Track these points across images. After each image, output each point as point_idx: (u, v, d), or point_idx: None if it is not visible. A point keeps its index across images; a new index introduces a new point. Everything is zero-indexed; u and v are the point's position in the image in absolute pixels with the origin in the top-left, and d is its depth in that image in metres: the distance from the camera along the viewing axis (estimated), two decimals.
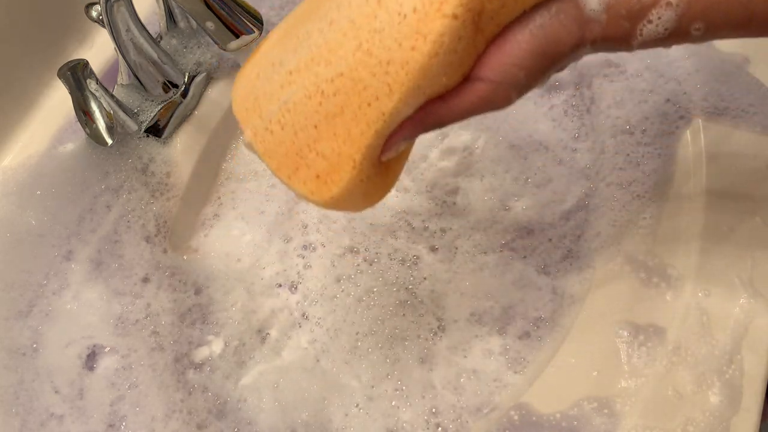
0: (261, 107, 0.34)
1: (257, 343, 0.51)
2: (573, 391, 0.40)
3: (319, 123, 0.32)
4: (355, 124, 0.31)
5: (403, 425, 0.46)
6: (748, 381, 0.38)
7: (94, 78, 0.47)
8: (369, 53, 0.30)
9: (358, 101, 0.31)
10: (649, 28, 0.29)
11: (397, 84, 0.30)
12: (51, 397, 0.43)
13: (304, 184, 0.33)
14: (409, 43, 0.29)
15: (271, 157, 0.34)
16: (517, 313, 0.48)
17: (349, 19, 0.31)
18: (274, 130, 0.34)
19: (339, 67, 0.31)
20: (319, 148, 0.32)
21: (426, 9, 0.29)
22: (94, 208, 0.49)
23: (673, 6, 0.28)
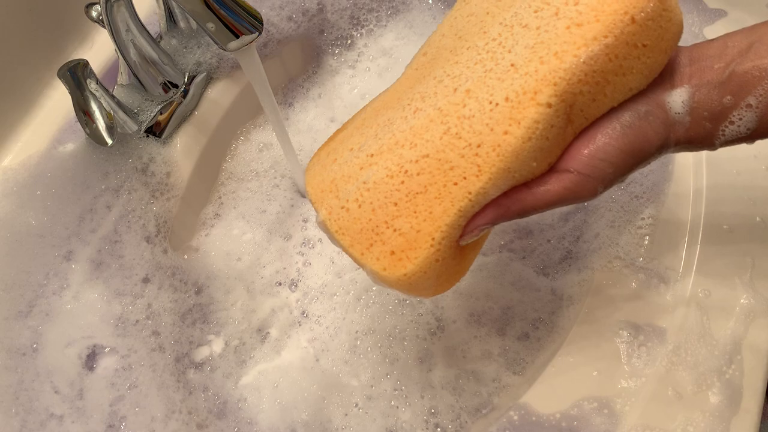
0: (338, 188, 0.35)
1: (257, 343, 0.51)
2: (573, 391, 0.39)
3: (400, 200, 0.33)
4: (438, 202, 0.31)
5: (402, 425, 0.46)
6: (748, 381, 0.38)
7: (94, 78, 0.47)
8: (458, 136, 0.31)
9: (443, 180, 0.31)
10: (731, 128, 0.30)
11: (488, 165, 0.31)
12: (51, 397, 0.43)
13: (378, 260, 0.33)
14: (502, 128, 0.30)
15: (344, 235, 0.34)
16: (516, 314, 0.48)
17: (435, 108, 0.33)
18: (351, 208, 0.34)
19: (425, 149, 0.32)
20: (397, 225, 0.32)
21: (519, 98, 0.30)
22: (94, 208, 0.49)
23: (753, 107, 0.29)
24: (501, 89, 0.31)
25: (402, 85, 0.36)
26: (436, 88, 0.33)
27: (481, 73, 0.32)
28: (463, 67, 0.33)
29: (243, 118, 0.59)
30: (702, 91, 0.30)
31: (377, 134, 0.35)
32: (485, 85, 0.32)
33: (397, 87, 0.36)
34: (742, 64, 0.30)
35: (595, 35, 0.30)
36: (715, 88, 0.30)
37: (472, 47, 0.33)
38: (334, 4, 0.60)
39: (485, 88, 0.32)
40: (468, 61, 0.33)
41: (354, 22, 0.61)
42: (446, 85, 0.33)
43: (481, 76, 0.32)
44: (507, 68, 0.31)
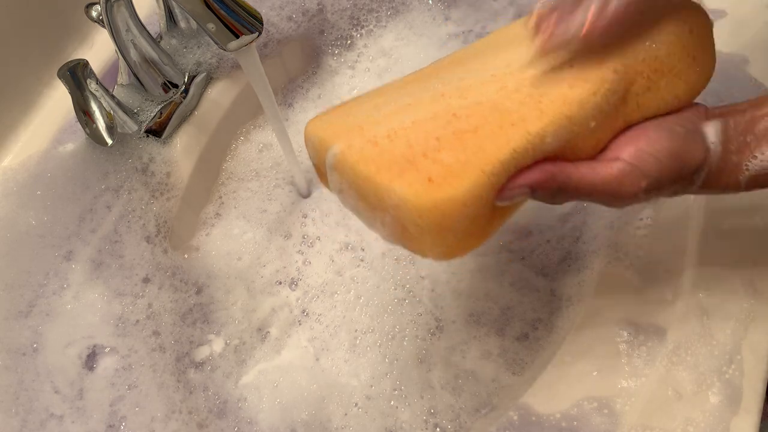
0: (364, 129, 0.32)
1: (257, 342, 0.51)
2: (573, 391, 0.39)
3: (443, 136, 0.30)
4: (491, 140, 0.29)
5: (401, 425, 0.45)
6: (748, 381, 0.38)
7: (94, 78, 0.47)
8: (517, 91, 0.31)
9: (499, 121, 0.30)
10: (754, 162, 0.32)
11: (551, 109, 0.30)
12: (51, 397, 0.43)
13: (410, 186, 0.29)
14: (567, 83, 0.31)
15: (367, 164, 0.30)
16: (515, 314, 0.48)
17: (484, 78, 0.32)
18: (380, 142, 0.31)
19: (477, 98, 0.31)
20: (438, 157, 0.30)
21: (584, 63, 0.31)
22: (94, 208, 0.49)
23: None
24: (561, 57, 0.32)
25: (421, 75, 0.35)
26: (482, 68, 0.33)
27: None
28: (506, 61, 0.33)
29: (243, 118, 0.59)
30: (730, 127, 0.32)
31: (412, 93, 0.33)
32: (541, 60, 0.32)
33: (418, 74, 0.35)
34: (761, 110, 0.32)
35: (660, 30, 0.32)
36: (740, 125, 0.32)
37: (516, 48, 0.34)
38: (334, 5, 0.60)
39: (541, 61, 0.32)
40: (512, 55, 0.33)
41: (354, 23, 0.61)
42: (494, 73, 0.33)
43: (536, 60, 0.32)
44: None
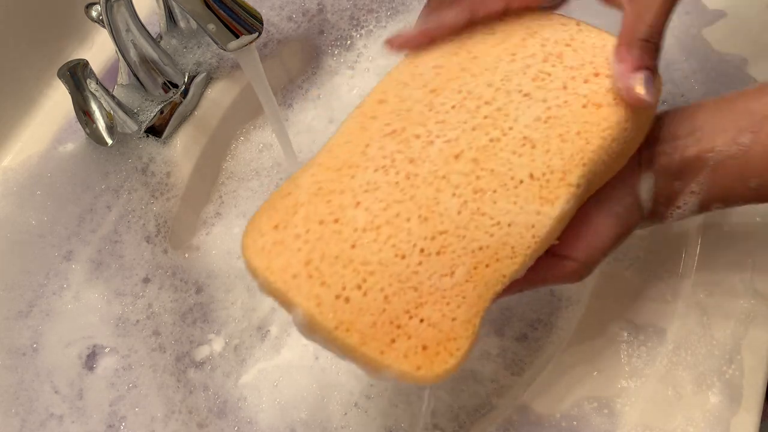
0: (322, 273, 0.28)
1: (257, 341, 0.50)
2: (573, 391, 0.39)
3: (420, 285, 0.28)
4: (471, 286, 0.28)
5: (401, 425, 0.45)
6: (748, 381, 0.37)
7: (94, 78, 0.47)
8: (481, 213, 0.29)
9: (472, 261, 0.28)
10: (678, 212, 0.33)
11: (523, 247, 0.29)
12: (51, 397, 0.43)
13: (406, 359, 0.27)
14: (533, 208, 0.29)
15: (349, 330, 0.28)
16: (514, 315, 0.47)
17: (438, 176, 0.29)
18: (352, 297, 0.28)
19: (440, 224, 0.29)
20: (423, 314, 0.28)
21: (547, 177, 0.29)
22: (94, 208, 0.49)
23: (696, 193, 0.32)
24: (521, 165, 0.29)
25: (361, 137, 0.31)
26: (427, 150, 0.30)
27: (485, 142, 0.30)
28: (456, 130, 0.30)
29: (243, 118, 0.58)
30: (660, 178, 0.32)
31: (358, 202, 0.29)
32: (498, 158, 0.29)
33: (354, 140, 0.31)
34: (688, 151, 0.32)
35: (619, 120, 0.30)
36: (669, 174, 0.32)
37: (460, 107, 0.31)
38: (334, 5, 0.60)
39: (499, 161, 0.29)
40: (460, 123, 0.30)
41: (354, 23, 0.61)
42: (440, 149, 0.30)
43: (488, 146, 0.30)
44: (521, 142, 0.30)
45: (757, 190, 0.31)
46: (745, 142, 0.30)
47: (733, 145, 0.30)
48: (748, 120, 0.30)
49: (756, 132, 0.30)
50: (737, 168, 0.31)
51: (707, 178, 0.31)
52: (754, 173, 0.30)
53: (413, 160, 0.30)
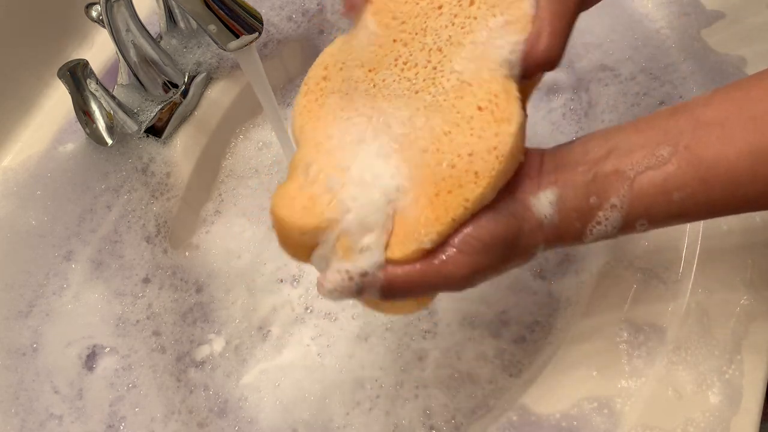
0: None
1: (258, 341, 0.50)
2: (573, 391, 0.39)
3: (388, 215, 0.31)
4: (431, 210, 0.30)
5: (402, 424, 0.45)
6: (748, 381, 0.37)
7: (94, 78, 0.47)
8: (441, 152, 0.30)
9: (435, 190, 0.30)
10: (599, 228, 0.31)
11: (487, 170, 0.30)
12: (51, 397, 0.42)
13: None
14: (492, 131, 0.30)
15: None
16: (511, 317, 0.47)
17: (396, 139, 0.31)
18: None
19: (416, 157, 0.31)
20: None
21: (495, 102, 0.31)
22: (94, 209, 0.49)
23: (617, 207, 0.30)
24: (467, 104, 0.31)
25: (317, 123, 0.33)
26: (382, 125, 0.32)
27: (430, 100, 0.32)
28: (402, 98, 0.32)
29: (243, 117, 0.58)
30: (569, 192, 0.31)
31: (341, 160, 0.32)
32: (445, 107, 0.31)
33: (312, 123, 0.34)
34: (604, 168, 0.31)
35: None
36: (581, 188, 0.31)
37: (400, 79, 0.33)
38: (334, 5, 0.59)
39: (446, 109, 0.31)
40: (404, 93, 0.32)
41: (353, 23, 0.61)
42: (394, 120, 0.32)
43: (433, 102, 0.32)
44: (460, 86, 0.31)
45: (681, 204, 0.30)
46: (663, 154, 0.30)
47: (652, 157, 0.30)
48: (665, 135, 0.30)
49: (674, 144, 0.30)
50: (659, 180, 0.30)
51: (628, 191, 0.30)
52: (675, 185, 0.30)
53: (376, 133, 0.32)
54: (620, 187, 0.30)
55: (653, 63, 0.50)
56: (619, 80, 0.51)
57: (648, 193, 0.30)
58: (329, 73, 0.34)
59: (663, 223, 0.32)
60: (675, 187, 0.30)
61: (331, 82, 0.34)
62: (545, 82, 0.54)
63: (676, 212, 0.31)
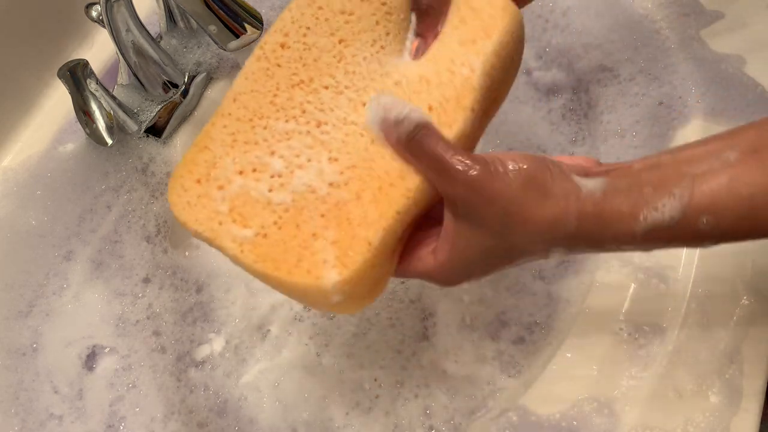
0: (245, 217, 0.31)
1: (258, 341, 0.50)
2: (572, 391, 0.38)
3: (328, 211, 0.31)
4: (375, 206, 0.30)
5: (402, 423, 0.45)
6: (748, 381, 0.37)
7: (94, 78, 0.47)
8: (386, 145, 0.31)
9: (378, 184, 0.30)
10: (654, 215, 0.27)
11: None
12: (50, 397, 0.42)
13: (308, 273, 0.30)
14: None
15: (265, 261, 0.31)
16: (510, 318, 0.47)
17: (347, 122, 0.32)
18: (269, 233, 0.31)
19: (349, 161, 0.31)
20: (327, 236, 0.30)
21: (444, 105, 0.31)
22: (94, 208, 0.48)
23: (676, 197, 0.27)
24: (420, 101, 0.31)
25: (267, 86, 0.33)
26: (336, 100, 0.32)
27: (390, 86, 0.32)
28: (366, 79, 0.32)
29: None
30: (621, 181, 0.28)
31: (273, 151, 0.32)
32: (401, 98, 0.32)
33: (260, 88, 0.33)
34: (663, 163, 0.28)
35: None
36: (635, 177, 0.28)
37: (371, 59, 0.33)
38: None
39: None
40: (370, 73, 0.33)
41: None
42: (350, 99, 0.32)
43: (393, 90, 0.32)
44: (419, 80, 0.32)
45: (751, 201, 0.27)
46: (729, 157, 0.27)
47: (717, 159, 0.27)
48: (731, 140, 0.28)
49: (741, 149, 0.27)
50: (725, 177, 0.27)
51: (690, 183, 0.27)
52: (744, 181, 0.27)
53: (323, 110, 0.32)
54: (681, 180, 0.27)
55: (653, 63, 0.50)
56: (619, 81, 0.51)
57: (712, 187, 0.27)
58: (289, 40, 0.33)
59: (732, 224, 0.27)
60: (743, 183, 0.27)
61: (290, 50, 0.33)
62: (545, 83, 0.54)
63: (747, 211, 0.27)
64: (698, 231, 0.27)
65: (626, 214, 0.27)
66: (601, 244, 0.29)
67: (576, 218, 0.28)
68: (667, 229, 0.27)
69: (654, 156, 0.29)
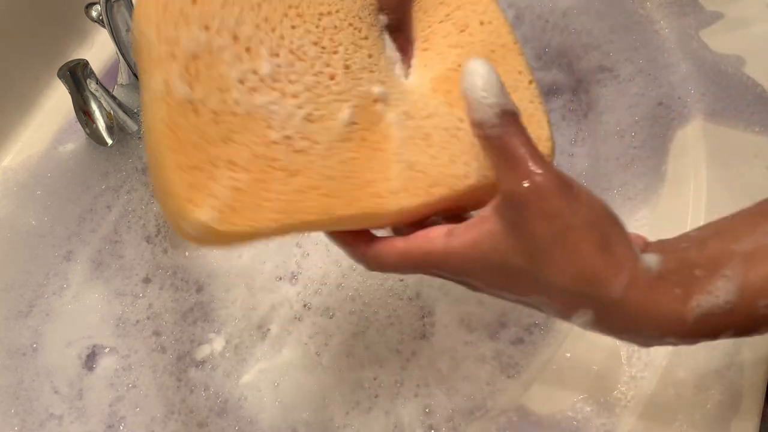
0: (199, 78, 0.26)
1: (258, 340, 0.50)
2: (572, 391, 0.38)
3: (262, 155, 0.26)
4: (295, 199, 0.27)
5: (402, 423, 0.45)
6: (748, 381, 0.37)
7: (94, 78, 0.47)
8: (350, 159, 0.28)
9: (317, 183, 0.27)
10: (707, 299, 0.25)
11: (360, 205, 0.28)
12: (50, 397, 0.42)
13: (189, 187, 0.25)
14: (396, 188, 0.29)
15: (173, 132, 0.25)
16: (509, 319, 0.47)
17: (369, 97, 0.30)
18: (203, 112, 0.25)
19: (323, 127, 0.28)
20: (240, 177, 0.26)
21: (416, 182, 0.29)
22: (94, 208, 0.48)
23: (729, 278, 0.25)
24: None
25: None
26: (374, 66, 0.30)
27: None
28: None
29: None
30: (670, 259, 0.26)
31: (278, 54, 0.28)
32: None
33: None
34: (708, 247, 0.26)
35: None
36: (684, 260, 0.26)
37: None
38: None
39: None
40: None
41: None
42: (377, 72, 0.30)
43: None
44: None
45: None
46: None
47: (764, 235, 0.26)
48: None
49: None
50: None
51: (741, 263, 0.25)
52: None
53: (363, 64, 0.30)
54: (731, 262, 0.25)
55: (652, 64, 0.50)
56: (618, 81, 0.50)
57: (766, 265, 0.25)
58: None
59: None
60: None
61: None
62: (545, 83, 0.54)
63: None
64: (756, 315, 0.25)
65: (679, 299, 0.25)
66: (639, 329, 0.25)
67: (624, 286, 0.25)
68: (722, 315, 0.25)
69: (698, 230, 0.28)
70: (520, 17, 0.56)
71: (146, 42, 0.25)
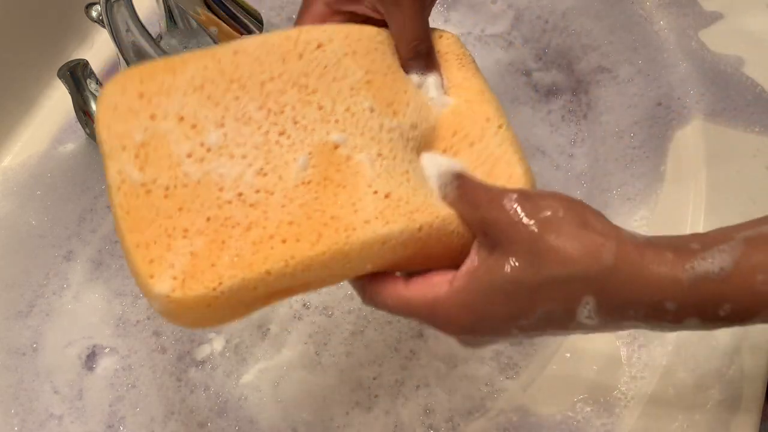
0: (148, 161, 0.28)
1: (257, 340, 0.50)
2: (572, 391, 0.38)
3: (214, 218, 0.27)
4: (252, 251, 0.27)
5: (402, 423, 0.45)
6: (748, 381, 0.37)
7: (94, 78, 0.46)
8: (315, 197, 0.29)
9: (272, 231, 0.27)
10: (702, 264, 0.24)
11: (330, 241, 0.28)
12: (50, 397, 0.42)
13: (150, 263, 0.26)
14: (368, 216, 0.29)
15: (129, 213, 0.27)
16: None
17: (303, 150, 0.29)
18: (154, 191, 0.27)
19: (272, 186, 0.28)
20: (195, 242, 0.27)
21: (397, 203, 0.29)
22: (94, 208, 0.48)
23: (725, 251, 0.24)
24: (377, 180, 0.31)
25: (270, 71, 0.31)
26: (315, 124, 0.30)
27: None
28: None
29: None
30: (663, 239, 0.26)
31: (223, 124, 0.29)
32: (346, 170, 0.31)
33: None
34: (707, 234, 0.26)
35: None
36: (676, 237, 0.26)
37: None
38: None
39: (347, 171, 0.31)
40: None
41: None
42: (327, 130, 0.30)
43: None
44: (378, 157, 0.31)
45: None
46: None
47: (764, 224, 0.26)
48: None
49: None
50: None
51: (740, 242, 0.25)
52: None
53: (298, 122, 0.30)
54: (729, 240, 0.25)
55: (651, 64, 0.50)
56: (618, 81, 0.50)
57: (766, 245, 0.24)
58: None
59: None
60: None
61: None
62: (544, 84, 0.54)
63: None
64: (754, 291, 0.24)
65: (671, 260, 0.24)
66: (639, 294, 0.25)
67: (614, 253, 0.25)
68: (717, 282, 0.24)
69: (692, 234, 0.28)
70: (520, 18, 0.56)
71: (100, 141, 0.28)
